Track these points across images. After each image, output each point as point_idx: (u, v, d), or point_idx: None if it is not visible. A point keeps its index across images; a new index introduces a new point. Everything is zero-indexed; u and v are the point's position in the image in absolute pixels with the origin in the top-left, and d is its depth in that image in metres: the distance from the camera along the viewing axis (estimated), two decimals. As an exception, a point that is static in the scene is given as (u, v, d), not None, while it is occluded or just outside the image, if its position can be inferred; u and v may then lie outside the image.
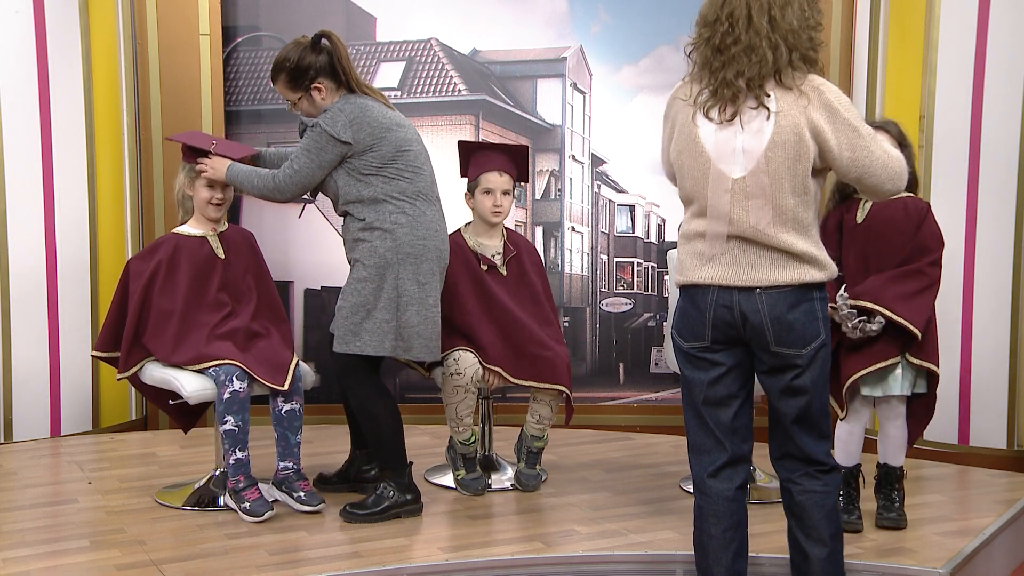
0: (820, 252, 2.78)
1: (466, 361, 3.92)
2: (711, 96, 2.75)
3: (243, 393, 3.71)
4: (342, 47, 3.67)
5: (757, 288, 2.75)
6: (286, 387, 3.75)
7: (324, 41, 3.66)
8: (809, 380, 2.80)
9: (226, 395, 3.68)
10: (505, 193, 4.06)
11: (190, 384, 3.71)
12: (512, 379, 3.98)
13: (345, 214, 3.69)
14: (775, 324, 2.75)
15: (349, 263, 3.72)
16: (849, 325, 3.49)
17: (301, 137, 3.72)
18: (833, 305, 3.47)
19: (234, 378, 3.69)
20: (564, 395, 4.01)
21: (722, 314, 2.79)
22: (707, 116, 2.76)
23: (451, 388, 3.92)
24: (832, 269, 2.80)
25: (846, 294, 3.52)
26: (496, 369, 3.96)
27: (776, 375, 2.82)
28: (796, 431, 2.84)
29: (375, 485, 3.78)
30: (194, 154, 3.84)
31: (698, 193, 2.82)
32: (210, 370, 3.72)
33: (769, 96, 2.67)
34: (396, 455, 3.73)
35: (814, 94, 2.68)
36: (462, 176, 4.15)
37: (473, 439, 4.02)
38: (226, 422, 3.68)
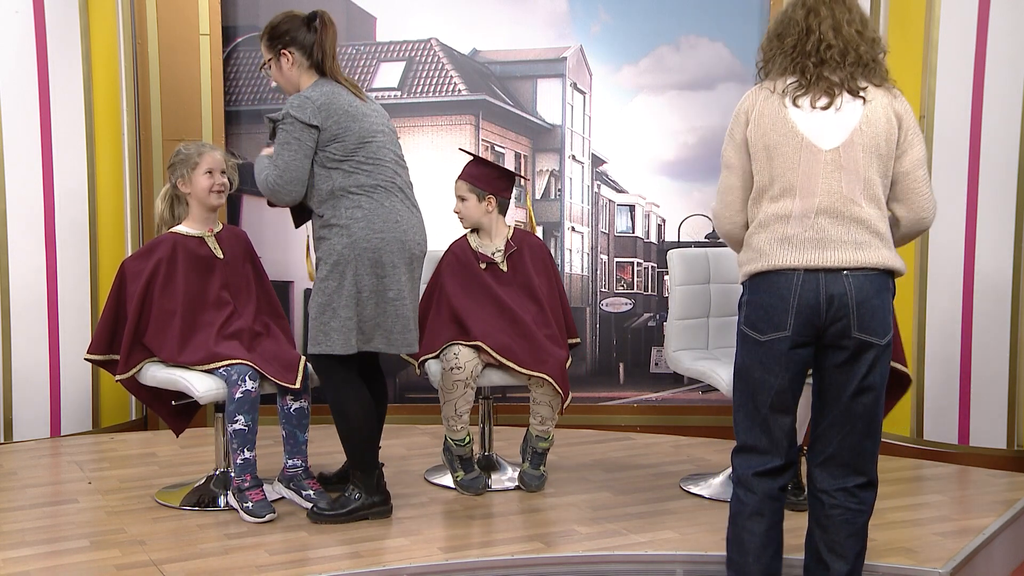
0: (892, 245, 2.89)
1: (466, 355, 3.92)
2: (805, 88, 2.88)
3: (255, 393, 3.71)
4: (331, 33, 3.65)
5: (844, 270, 2.79)
6: (297, 385, 3.76)
7: (316, 21, 3.65)
8: (879, 377, 2.84)
9: (238, 395, 3.68)
10: (461, 199, 4.13)
11: (201, 384, 3.70)
12: (497, 355, 3.94)
13: (310, 208, 3.67)
14: (860, 307, 2.79)
15: (316, 258, 3.69)
16: None
17: (271, 136, 3.66)
18: None
19: (246, 378, 3.69)
20: (555, 390, 3.98)
21: (808, 298, 2.80)
22: (796, 104, 2.88)
23: (451, 383, 3.92)
24: (903, 266, 2.88)
25: None
26: (480, 344, 3.93)
27: (850, 368, 2.82)
28: (858, 434, 2.85)
29: (344, 486, 3.77)
30: None
31: (786, 170, 2.86)
32: (221, 370, 3.71)
33: (865, 88, 2.86)
34: (365, 456, 3.70)
35: (899, 92, 2.94)
36: None
37: (468, 440, 4.01)
38: (236, 421, 3.68)
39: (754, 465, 2.91)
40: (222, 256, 3.92)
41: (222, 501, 3.84)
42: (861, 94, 2.86)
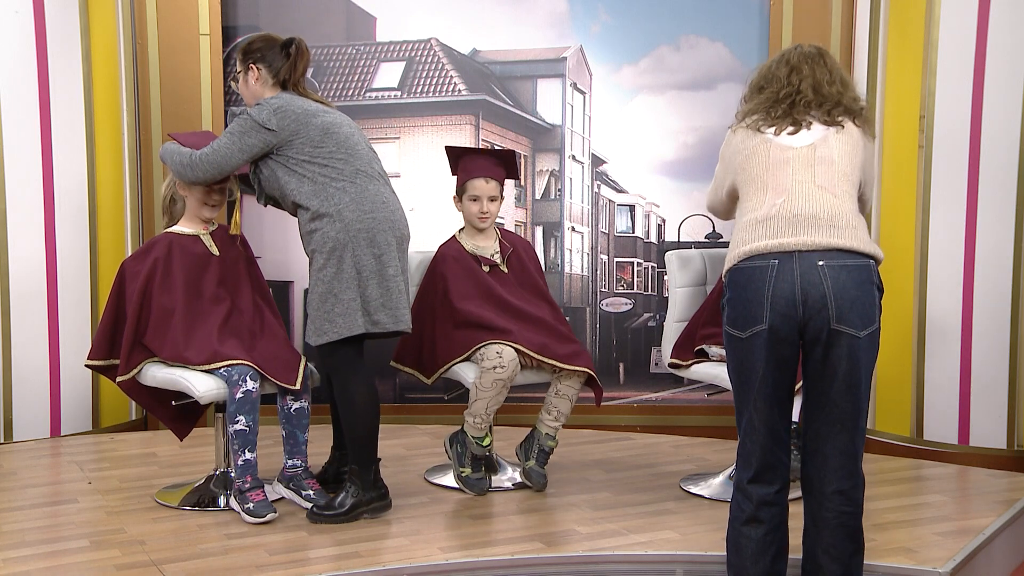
0: (869, 236, 2.94)
1: (509, 354, 3.91)
2: (770, 122, 2.99)
3: (255, 393, 3.70)
4: (304, 60, 3.74)
5: (820, 259, 2.79)
6: (298, 385, 3.76)
7: (292, 47, 3.72)
8: (864, 373, 2.83)
9: (239, 395, 3.67)
10: (492, 199, 4.10)
11: (202, 384, 3.69)
12: (538, 356, 3.96)
13: (296, 208, 3.68)
14: (838, 298, 2.78)
15: (308, 257, 3.71)
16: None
17: None
18: (707, 352, 3.99)
19: (247, 378, 3.69)
20: (587, 382, 4.04)
21: (783, 289, 2.80)
22: (761, 131, 2.99)
23: (490, 382, 3.91)
24: (881, 254, 2.92)
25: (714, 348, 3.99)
26: (520, 347, 3.94)
27: (831, 362, 2.81)
28: (848, 432, 2.85)
29: (342, 485, 3.77)
30: None
31: (761, 171, 2.94)
32: (221, 370, 3.71)
33: (841, 120, 2.97)
34: (366, 450, 3.70)
35: (872, 143, 3.08)
36: (453, 174, 4.17)
37: (488, 440, 4.02)
38: (237, 422, 3.67)
39: (746, 472, 2.92)
40: (218, 253, 3.92)
41: (222, 501, 3.84)
42: (836, 124, 2.96)
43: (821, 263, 2.79)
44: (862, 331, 2.80)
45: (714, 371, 3.94)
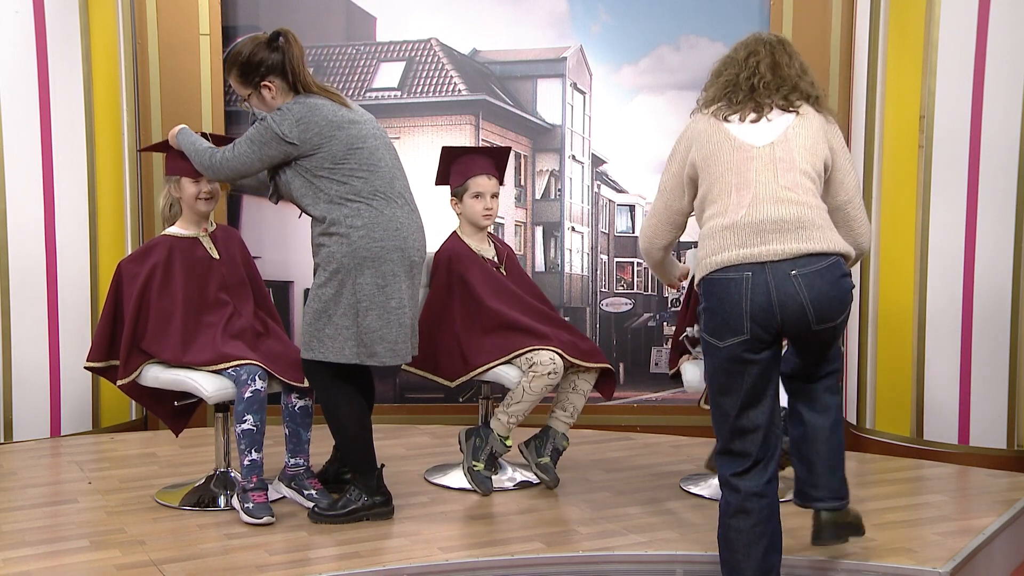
0: (837, 232, 2.99)
1: (560, 361, 3.94)
2: (732, 108, 3.02)
3: (263, 392, 3.71)
4: (297, 48, 3.58)
5: (793, 270, 2.83)
6: (305, 384, 3.75)
7: (280, 40, 3.59)
8: (840, 333, 3.01)
9: (247, 394, 3.67)
10: (494, 196, 4.10)
11: (210, 384, 3.69)
12: (571, 358, 3.97)
13: (310, 216, 3.63)
14: (816, 304, 2.84)
15: (314, 265, 3.65)
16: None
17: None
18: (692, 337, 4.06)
19: (256, 377, 3.68)
20: (603, 376, 4.10)
21: (760, 301, 2.83)
22: (727, 120, 3.01)
23: (542, 387, 3.92)
24: (851, 251, 2.97)
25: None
26: (563, 353, 3.96)
27: (816, 349, 2.99)
28: (824, 359, 3.04)
29: (345, 486, 3.77)
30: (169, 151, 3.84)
31: (723, 171, 2.95)
32: (229, 370, 3.71)
33: (799, 105, 3.00)
34: (362, 459, 3.69)
35: (835, 122, 3.06)
36: (438, 184, 4.15)
37: (511, 441, 4.02)
38: (245, 421, 3.67)
39: (732, 467, 2.93)
40: (217, 256, 3.91)
41: (222, 501, 3.84)
42: (793, 109, 2.99)
43: (794, 272, 2.83)
44: (839, 318, 2.92)
45: (694, 381, 4.01)
